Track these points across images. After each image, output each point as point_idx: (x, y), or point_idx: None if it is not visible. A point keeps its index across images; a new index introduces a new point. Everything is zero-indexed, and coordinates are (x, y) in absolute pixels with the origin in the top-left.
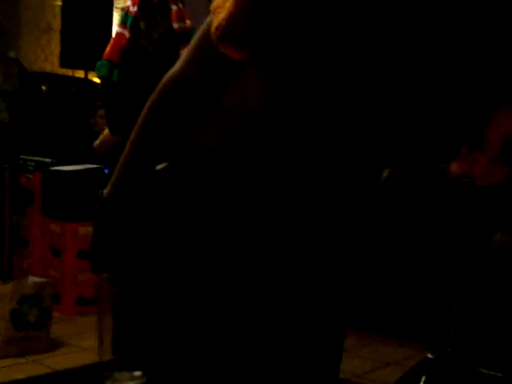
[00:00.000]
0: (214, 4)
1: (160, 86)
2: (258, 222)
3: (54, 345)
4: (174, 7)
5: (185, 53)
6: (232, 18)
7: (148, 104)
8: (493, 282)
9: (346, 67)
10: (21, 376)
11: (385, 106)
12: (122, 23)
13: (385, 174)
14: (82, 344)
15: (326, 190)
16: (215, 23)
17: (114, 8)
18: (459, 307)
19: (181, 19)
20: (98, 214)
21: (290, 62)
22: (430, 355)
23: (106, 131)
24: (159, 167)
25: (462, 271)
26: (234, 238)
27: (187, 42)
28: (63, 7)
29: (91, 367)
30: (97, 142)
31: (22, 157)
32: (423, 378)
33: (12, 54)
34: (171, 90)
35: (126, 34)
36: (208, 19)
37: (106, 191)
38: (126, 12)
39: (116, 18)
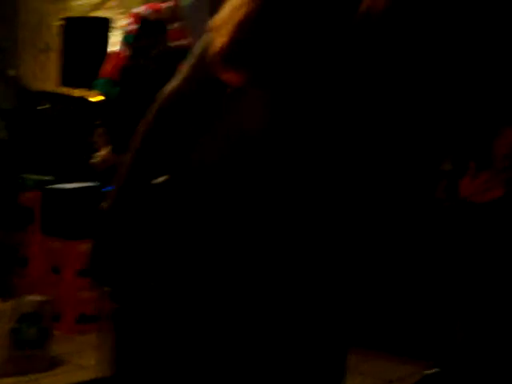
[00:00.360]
0: (214, 23)
1: (157, 101)
2: (255, 237)
3: (53, 363)
4: (172, 26)
5: (182, 69)
6: (234, 43)
7: (146, 119)
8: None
9: (345, 89)
10: None
11: (383, 121)
12: (122, 42)
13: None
14: (81, 362)
15: (325, 207)
16: (216, 47)
17: (112, 28)
18: (458, 326)
19: (179, 38)
20: (98, 226)
21: (290, 84)
22: (427, 372)
23: (107, 149)
24: (159, 180)
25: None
26: (231, 251)
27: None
28: (62, 27)
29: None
30: (96, 160)
31: (21, 175)
32: None
33: (11, 72)
34: (168, 105)
35: (126, 52)
36: (206, 37)
37: (105, 204)
38: (125, 31)
39: (113, 37)
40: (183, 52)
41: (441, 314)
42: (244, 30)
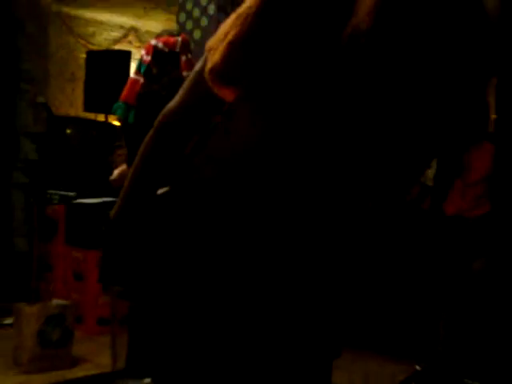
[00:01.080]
0: (209, 45)
1: (158, 118)
2: (248, 244)
3: (75, 362)
4: (183, 57)
5: (180, 89)
6: (226, 61)
7: (148, 135)
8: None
9: (334, 108)
10: None
11: (371, 141)
12: (137, 70)
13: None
14: (101, 361)
15: (315, 219)
16: (209, 65)
17: (132, 59)
18: (444, 328)
19: (189, 68)
20: (105, 234)
21: (280, 100)
22: (418, 368)
23: (124, 166)
24: (161, 191)
25: (447, 298)
26: (224, 254)
27: None
28: (86, 59)
29: (104, 376)
30: (114, 177)
31: (48, 191)
32: None
33: (41, 99)
34: (167, 122)
35: (141, 79)
36: (202, 58)
37: (112, 213)
38: (140, 61)
39: (132, 67)
40: None
41: (424, 319)
42: (234, 49)
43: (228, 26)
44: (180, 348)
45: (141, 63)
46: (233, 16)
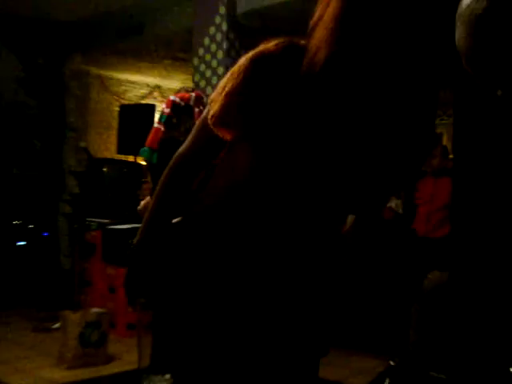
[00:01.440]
0: (211, 98)
1: (171, 161)
2: (247, 262)
3: (109, 359)
4: (196, 109)
5: (189, 135)
6: (223, 109)
7: (163, 175)
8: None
9: (316, 145)
10: None
11: (349, 165)
12: (159, 120)
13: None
14: (130, 359)
15: (302, 238)
16: (211, 113)
17: (156, 111)
18: (414, 330)
19: None
20: (129, 257)
21: (267, 137)
22: (391, 363)
23: (149, 198)
24: (174, 221)
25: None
26: (227, 269)
27: None
28: (119, 111)
29: (132, 372)
30: (141, 207)
31: (87, 219)
32: (387, 381)
33: (82, 144)
34: (178, 163)
35: (162, 128)
36: (205, 110)
37: (134, 240)
38: (162, 112)
39: (156, 117)
40: None
41: (397, 321)
42: (228, 100)
43: (225, 82)
44: (193, 347)
45: (162, 114)
46: (229, 73)
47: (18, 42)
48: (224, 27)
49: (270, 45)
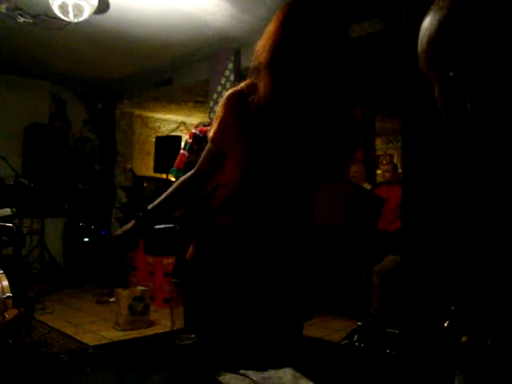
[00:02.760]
0: (210, 127)
1: (182, 179)
2: (245, 253)
3: (151, 324)
4: None
5: (201, 155)
6: (215, 133)
7: (180, 179)
8: (391, 283)
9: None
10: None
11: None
12: (184, 147)
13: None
14: (166, 323)
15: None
16: (210, 135)
17: (182, 141)
18: (374, 298)
19: None
20: (138, 218)
21: (244, 153)
22: (359, 323)
23: None
24: (157, 227)
25: (375, 280)
26: (236, 265)
27: None
28: (155, 142)
29: (167, 333)
30: None
31: None
32: (356, 336)
33: (129, 166)
34: (186, 182)
35: (186, 153)
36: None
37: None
38: (186, 142)
39: (182, 145)
40: None
41: (363, 293)
42: (218, 125)
43: (217, 112)
44: (211, 316)
45: (186, 143)
46: (219, 104)
47: (83, 94)
48: (232, 78)
49: (241, 84)
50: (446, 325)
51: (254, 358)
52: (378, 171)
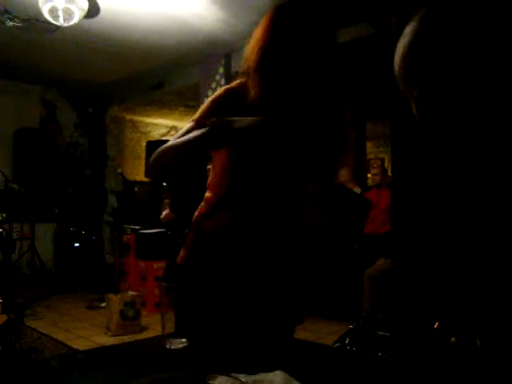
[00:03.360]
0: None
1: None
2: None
3: (142, 329)
4: None
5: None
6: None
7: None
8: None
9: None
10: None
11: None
12: None
13: None
14: (157, 328)
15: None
16: (195, 116)
17: None
18: (366, 301)
19: None
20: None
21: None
22: (351, 326)
23: (167, 211)
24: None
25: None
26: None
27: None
28: (146, 146)
29: (158, 337)
30: (162, 216)
31: (124, 226)
32: (347, 339)
33: (119, 171)
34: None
35: None
36: None
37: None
38: None
39: None
40: None
41: (354, 296)
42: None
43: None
44: (202, 319)
45: None
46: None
47: (74, 98)
48: (222, 82)
49: (234, 82)
50: (435, 326)
51: (245, 361)
52: (369, 175)
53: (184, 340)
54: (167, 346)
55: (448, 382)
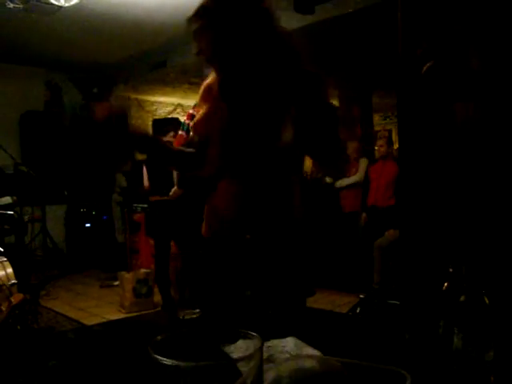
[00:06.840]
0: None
1: None
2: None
3: (155, 305)
4: None
5: None
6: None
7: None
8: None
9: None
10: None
11: None
12: (182, 129)
13: None
14: None
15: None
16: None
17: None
18: (376, 272)
19: None
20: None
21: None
22: (361, 296)
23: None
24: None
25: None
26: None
27: None
28: (152, 124)
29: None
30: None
31: (134, 204)
32: (358, 309)
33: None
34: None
35: (184, 134)
36: None
37: None
38: (183, 123)
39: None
40: None
41: (365, 267)
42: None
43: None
44: (215, 291)
45: (184, 124)
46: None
47: (79, 79)
48: None
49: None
50: (444, 287)
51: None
52: (376, 147)
53: (197, 310)
54: (181, 317)
55: (457, 340)
